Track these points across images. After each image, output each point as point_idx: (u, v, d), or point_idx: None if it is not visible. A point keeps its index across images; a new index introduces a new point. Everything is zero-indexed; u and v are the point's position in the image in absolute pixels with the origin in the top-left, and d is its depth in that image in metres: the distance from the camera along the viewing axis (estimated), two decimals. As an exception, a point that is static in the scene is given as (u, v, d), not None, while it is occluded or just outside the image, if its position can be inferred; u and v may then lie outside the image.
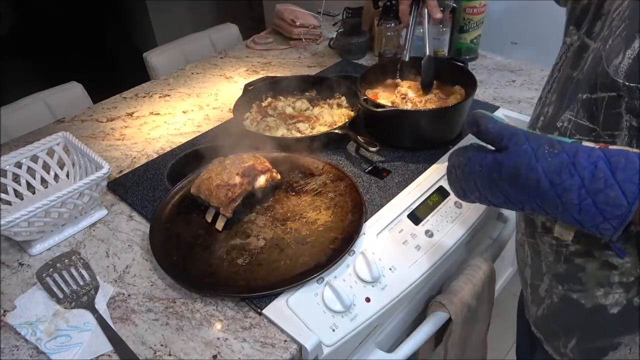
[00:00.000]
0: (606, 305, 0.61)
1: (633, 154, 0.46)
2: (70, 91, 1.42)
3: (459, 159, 0.58)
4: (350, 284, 0.75)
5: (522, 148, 0.50)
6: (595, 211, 0.47)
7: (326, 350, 0.68)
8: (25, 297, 0.75)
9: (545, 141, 0.50)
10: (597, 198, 0.46)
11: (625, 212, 0.45)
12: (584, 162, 0.47)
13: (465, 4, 1.30)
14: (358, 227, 0.80)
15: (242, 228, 0.83)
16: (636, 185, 0.44)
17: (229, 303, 0.73)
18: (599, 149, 0.47)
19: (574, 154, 0.48)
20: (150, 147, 1.10)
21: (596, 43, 0.56)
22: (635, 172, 0.45)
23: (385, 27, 1.35)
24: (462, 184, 0.58)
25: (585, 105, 0.56)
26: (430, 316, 0.87)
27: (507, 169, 0.52)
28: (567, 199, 0.48)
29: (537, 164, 0.49)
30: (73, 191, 0.79)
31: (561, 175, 0.48)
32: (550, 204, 0.50)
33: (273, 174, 0.87)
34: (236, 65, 1.49)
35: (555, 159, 0.48)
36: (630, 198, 0.45)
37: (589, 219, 0.48)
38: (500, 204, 0.55)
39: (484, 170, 0.54)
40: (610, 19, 0.54)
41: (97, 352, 0.67)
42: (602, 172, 0.46)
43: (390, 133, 1.03)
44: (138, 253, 0.83)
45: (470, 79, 1.03)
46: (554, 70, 0.66)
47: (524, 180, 0.50)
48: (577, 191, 0.47)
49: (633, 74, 0.48)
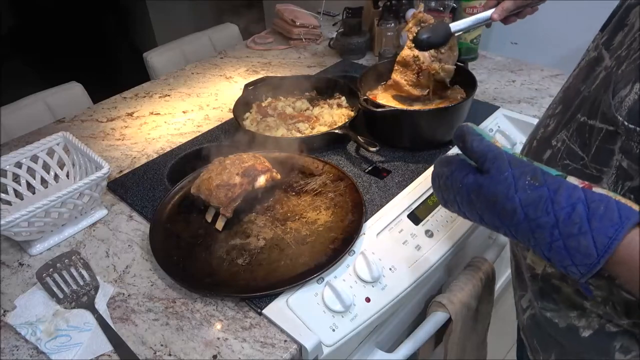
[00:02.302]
0: (578, 327, 0.59)
1: (614, 203, 0.43)
2: (70, 91, 1.42)
3: (442, 169, 0.56)
4: (350, 284, 0.75)
5: (503, 175, 0.48)
6: (565, 254, 0.45)
7: (326, 350, 0.68)
8: (25, 297, 0.75)
9: (529, 171, 0.47)
10: (569, 242, 0.44)
11: (593, 263, 0.43)
12: (563, 201, 0.45)
13: (465, 4, 1.30)
14: (358, 227, 0.80)
15: (242, 228, 0.83)
16: (608, 238, 0.42)
17: (229, 303, 0.73)
18: (582, 189, 0.45)
19: (555, 190, 0.45)
20: (150, 147, 1.10)
21: (611, 60, 0.52)
22: (611, 223, 0.42)
23: (385, 27, 1.35)
24: (443, 194, 0.57)
25: (581, 129, 0.53)
26: (430, 316, 0.87)
27: (485, 193, 0.50)
28: (539, 236, 0.46)
29: (515, 195, 0.47)
30: (73, 191, 0.79)
31: (537, 210, 0.46)
32: (522, 235, 0.48)
33: (273, 174, 0.87)
34: (236, 65, 1.49)
35: (535, 193, 0.46)
36: (601, 250, 0.43)
37: (557, 260, 0.46)
38: (476, 222, 0.54)
39: (463, 188, 0.52)
40: (632, 37, 0.50)
41: (97, 352, 0.67)
42: (578, 216, 0.44)
43: (390, 133, 1.03)
44: (138, 253, 0.83)
45: (470, 79, 1.03)
46: (569, 77, 0.63)
47: (500, 208, 0.49)
48: (550, 230, 0.45)
49: (635, 114, 0.45)
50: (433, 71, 0.97)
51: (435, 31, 0.94)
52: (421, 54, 0.97)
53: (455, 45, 0.97)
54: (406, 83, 1.01)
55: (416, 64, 0.98)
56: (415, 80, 1.01)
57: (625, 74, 0.48)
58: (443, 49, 0.96)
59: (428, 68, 0.97)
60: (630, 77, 0.46)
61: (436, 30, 0.94)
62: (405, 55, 0.99)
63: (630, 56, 0.48)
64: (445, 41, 0.95)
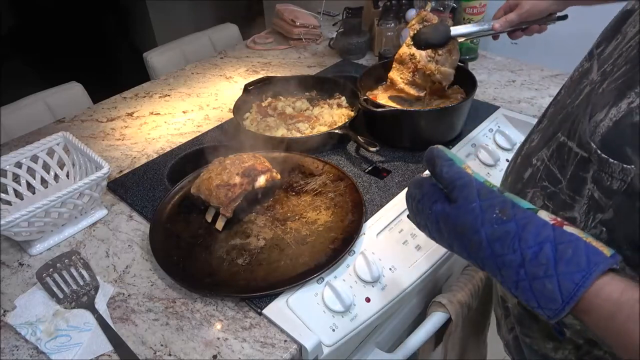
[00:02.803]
0: (555, 358, 0.57)
1: (584, 246, 0.40)
2: (70, 91, 1.42)
3: (415, 191, 0.53)
4: (350, 284, 0.75)
5: (470, 206, 0.45)
6: (531, 295, 0.42)
7: (326, 350, 0.68)
8: (25, 297, 0.75)
9: (498, 202, 0.44)
10: (535, 284, 0.41)
11: (559, 309, 0.40)
12: (531, 239, 0.41)
13: (465, 4, 1.30)
14: (358, 227, 0.80)
15: (242, 228, 0.83)
16: (574, 284, 0.39)
17: (229, 303, 0.73)
18: (552, 227, 0.42)
19: (523, 226, 0.42)
20: (150, 147, 1.10)
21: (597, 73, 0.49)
22: (578, 268, 0.39)
23: (385, 27, 1.35)
24: (415, 217, 0.55)
25: (560, 150, 0.50)
26: (430, 316, 0.86)
27: (452, 223, 0.47)
28: (506, 273, 0.43)
29: (481, 229, 0.44)
30: (73, 191, 0.79)
31: (504, 247, 0.43)
32: (490, 270, 0.45)
33: (273, 174, 0.87)
34: (236, 65, 1.48)
35: (502, 228, 0.43)
36: (566, 297, 0.40)
37: (524, 299, 0.43)
38: (447, 249, 0.51)
39: (432, 215, 0.50)
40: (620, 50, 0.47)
41: (97, 352, 0.67)
42: (545, 257, 0.41)
43: (390, 133, 1.03)
44: (138, 253, 0.83)
45: (470, 79, 1.03)
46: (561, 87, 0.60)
47: (467, 241, 0.46)
48: (517, 269, 0.42)
49: (608, 143, 0.42)
50: (428, 71, 0.96)
51: (435, 31, 0.94)
52: (418, 53, 0.96)
53: (455, 50, 0.97)
54: (402, 81, 1.01)
55: (412, 62, 0.97)
56: (410, 79, 1.00)
57: (604, 94, 0.44)
58: (441, 51, 0.95)
59: (423, 68, 0.97)
60: (607, 100, 0.43)
61: (436, 31, 0.94)
62: (402, 52, 0.98)
63: (613, 73, 0.45)
64: (444, 43, 0.95)
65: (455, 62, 0.98)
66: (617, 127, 0.41)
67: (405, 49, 0.98)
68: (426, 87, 1.02)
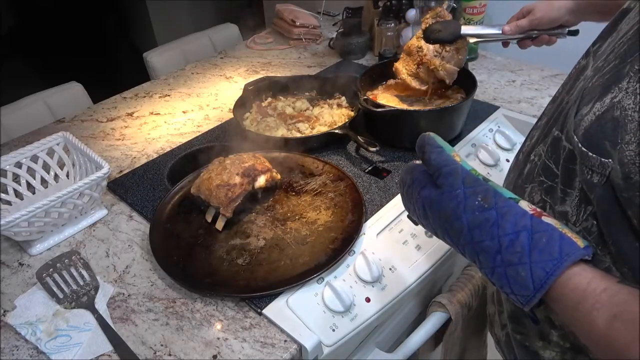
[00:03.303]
0: (544, 357, 0.58)
1: (558, 236, 0.41)
2: (70, 91, 1.42)
3: (406, 177, 0.55)
4: (350, 284, 0.75)
5: (454, 192, 0.47)
6: (505, 281, 0.44)
7: (326, 350, 0.68)
8: (25, 297, 0.75)
9: (481, 190, 0.46)
10: (509, 271, 0.43)
11: (530, 296, 0.42)
12: (509, 227, 0.43)
13: (465, 4, 1.30)
14: (358, 227, 0.80)
15: (242, 228, 0.83)
16: (545, 273, 0.41)
17: (229, 303, 0.73)
18: (531, 217, 0.43)
19: (503, 214, 0.44)
20: (150, 147, 1.10)
21: (591, 69, 0.50)
22: (550, 257, 0.41)
23: (385, 27, 1.35)
24: (406, 203, 0.56)
25: (555, 144, 0.51)
26: (430, 316, 0.86)
27: (436, 209, 0.49)
28: (483, 259, 0.45)
29: (463, 214, 0.46)
30: (73, 191, 0.79)
31: (483, 233, 0.45)
32: (469, 256, 0.47)
33: (273, 174, 0.87)
34: (236, 65, 1.49)
35: (483, 215, 0.45)
36: (537, 284, 0.41)
37: (499, 285, 0.45)
38: (432, 234, 0.53)
39: (420, 200, 0.51)
40: (613, 46, 0.47)
41: (97, 352, 0.67)
42: (520, 245, 0.42)
43: (390, 133, 1.03)
44: (138, 253, 0.83)
45: (470, 79, 1.03)
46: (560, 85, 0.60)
47: (449, 226, 0.48)
48: (493, 255, 0.44)
49: (589, 137, 0.43)
50: (432, 66, 0.96)
51: (446, 27, 0.94)
52: (425, 46, 0.96)
53: (463, 49, 0.96)
54: (405, 72, 1.01)
55: (418, 54, 0.98)
56: (414, 72, 1.00)
57: (592, 88, 0.45)
58: (448, 47, 0.95)
59: (428, 62, 0.97)
60: (593, 94, 0.44)
61: (447, 27, 0.94)
62: (411, 44, 0.99)
63: (602, 68, 0.46)
64: (453, 40, 0.94)
65: (462, 62, 0.98)
66: (598, 121, 0.42)
67: (415, 41, 0.98)
68: (428, 82, 1.01)
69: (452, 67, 0.97)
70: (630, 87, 0.40)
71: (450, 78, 0.99)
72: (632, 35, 0.44)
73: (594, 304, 0.39)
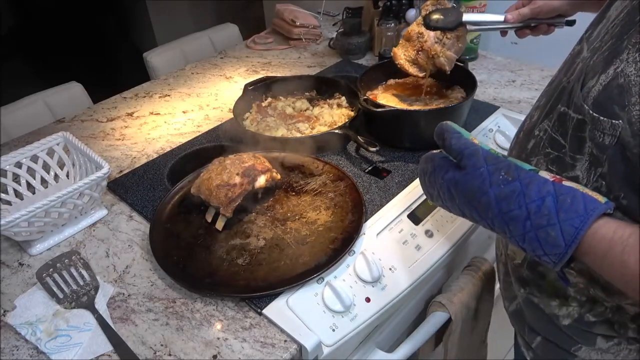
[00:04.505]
0: (559, 315, 0.61)
1: (581, 196, 0.46)
2: (70, 91, 1.42)
3: (427, 166, 0.59)
4: (350, 284, 0.75)
5: (478, 171, 0.51)
6: (537, 245, 0.47)
7: (326, 350, 0.68)
8: (25, 297, 0.75)
9: (503, 166, 0.50)
10: (540, 234, 0.47)
11: (562, 253, 0.46)
12: (534, 194, 0.47)
13: (465, 3, 1.30)
14: (358, 227, 0.80)
15: (242, 228, 0.83)
16: (574, 228, 0.45)
17: (229, 303, 0.73)
18: (552, 183, 0.47)
19: (527, 184, 0.48)
20: (150, 147, 1.10)
21: (588, 51, 0.54)
22: (576, 214, 0.45)
23: (385, 27, 1.35)
24: (428, 190, 0.60)
25: (561, 119, 0.55)
26: (430, 316, 0.87)
27: (462, 188, 0.53)
28: (513, 227, 0.49)
29: (489, 189, 0.50)
30: (73, 191, 0.79)
31: (510, 204, 0.48)
32: (499, 228, 0.51)
33: (273, 174, 0.87)
34: (236, 65, 1.49)
35: (508, 187, 0.49)
36: (568, 240, 0.45)
37: (531, 250, 0.48)
38: (460, 216, 0.56)
39: (444, 184, 0.55)
40: (606, 29, 0.52)
41: (97, 352, 0.67)
42: (547, 208, 0.46)
43: (390, 133, 1.03)
44: (138, 253, 0.83)
45: (470, 79, 1.03)
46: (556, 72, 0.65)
47: (476, 203, 0.51)
48: (523, 222, 0.48)
49: (599, 104, 0.47)
50: (433, 52, 0.95)
51: (447, 14, 0.94)
52: (426, 32, 0.96)
53: (464, 37, 0.96)
54: (404, 57, 1.00)
55: (419, 40, 0.97)
56: (413, 58, 0.99)
57: (594, 65, 0.50)
58: (449, 34, 0.95)
59: (429, 49, 0.96)
60: (597, 69, 0.48)
61: (448, 14, 0.94)
62: (411, 29, 0.98)
63: (601, 48, 0.50)
64: (454, 27, 0.93)
65: (461, 50, 0.97)
66: (606, 89, 0.46)
67: (415, 27, 0.98)
68: (427, 69, 1.00)
69: (452, 54, 0.96)
70: (630, 57, 0.45)
71: (450, 65, 0.97)
72: (624, 17, 0.49)
73: (624, 249, 0.43)
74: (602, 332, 0.58)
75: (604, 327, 0.57)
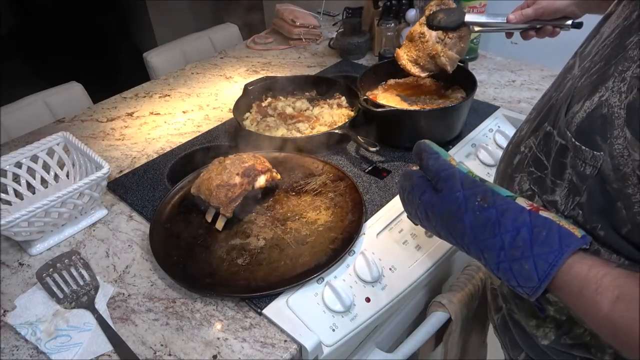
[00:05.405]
0: (537, 335, 0.60)
1: (557, 229, 0.44)
2: (70, 91, 1.42)
3: (405, 183, 0.58)
4: (350, 284, 0.75)
5: (454, 195, 0.50)
6: (511, 275, 0.46)
7: (326, 350, 0.68)
8: (25, 297, 0.75)
9: (480, 191, 0.49)
10: (513, 265, 0.45)
11: (535, 287, 0.45)
12: (509, 224, 0.46)
13: (465, 4, 1.30)
14: (358, 227, 0.80)
15: (242, 228, 0.83)
16: (548, 264, 0.43)
17: (229, 303, 0.73)
18: (529, 212, 0.46)
19: (502, 212, 0.47)
20: (150, 147, 1.10)
21: (578, 69, 0.53)
22: (550, 249, 0.43)
23: (385, 27, 1.35)
24: (407, 207, 0.59)
25: (546, 138, 0.54)
26: (430, 316, 0.87)
27: (438, 212, 0.52)
28: (488, 256, 0.48)
29: (464, 215, 0.49)
30: (73, 191, 0.79)
31: (485, 232, 0.47)
32: (474, 254, 0.50)
33: (273, 174, 0.87)
34: (236, 65, 1.49)
35: (483, 214, 0.47)
36: (541, 275, 0.44)
37: (505, 279, 0.47)
38: (437, 236, 0.55)
39: (421, 205, 0.54)
40: (597, 48, 0.50)
41: (97, 352, 0.67)
42: (522, 240, 0.45)
43: (390, 133, 1.03)
44: (138, 253, 0.83)
45: (470, 79, 1.03)
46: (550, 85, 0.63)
47: (452, 227, 0.50)
48: (497, 252, 0.46)
49: (582, 132, 0.46)
50: (434, 52, 0.95)
51: (450, 14, 0.93)
52: (428, 32, 0.95)
53: (467, 38, 0.95)
54: (406, 57, 0.99)
55: (421, 40, 0.97)
56: (415, 58, 0.99)
57: (581, 87, 0.48)
58: (451, 35, 0.94)
59: (431, 48, 0.96)
60: (583, 93, 0.47)
61: (451, 14, 0.93)
62: (414, 29, 0.98)
63: (589, 69, 0.49)
64: (455, 26, 0.93)
65: (464, 51, 0.97)
66: (589, 117, 0.45)
67: (417, 27, 0.98)
68: (428, 70, 0.99)
69: (454, 55, 0.96)
70: (615, 87, 0.43)
71: (452, 65, 0.97)
72: (615, 38, 0.47)
73: (597, 289, 0.41)
74: (580, 355, 0.56)
75: (581, 350, 0.56)
